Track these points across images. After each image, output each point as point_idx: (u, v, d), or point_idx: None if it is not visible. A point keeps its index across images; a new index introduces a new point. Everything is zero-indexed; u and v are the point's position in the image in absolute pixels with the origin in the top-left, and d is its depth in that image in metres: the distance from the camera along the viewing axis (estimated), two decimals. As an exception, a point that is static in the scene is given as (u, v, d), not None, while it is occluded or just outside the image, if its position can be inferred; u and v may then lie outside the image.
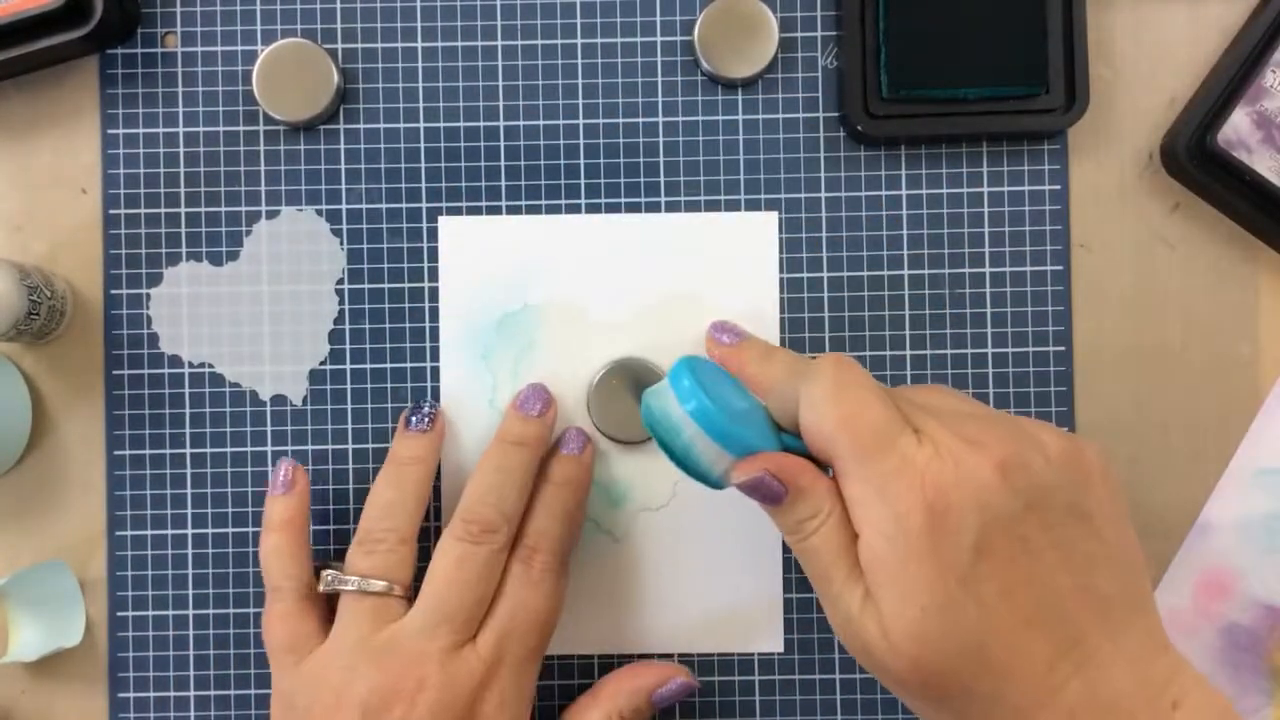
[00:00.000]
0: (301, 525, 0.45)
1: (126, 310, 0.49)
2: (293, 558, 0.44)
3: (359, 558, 0.43)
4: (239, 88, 0.49)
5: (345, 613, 0.43)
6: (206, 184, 0.49)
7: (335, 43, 0.49)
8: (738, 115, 0.49)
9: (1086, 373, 0.49)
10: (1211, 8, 0.49)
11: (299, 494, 0.45)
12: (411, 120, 0.49)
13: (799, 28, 0.49)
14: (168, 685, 0.49)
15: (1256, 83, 0.47)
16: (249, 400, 0.49)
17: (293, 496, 0.45)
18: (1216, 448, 0.49)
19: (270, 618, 0.44)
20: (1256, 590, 0.48)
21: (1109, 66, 0.49)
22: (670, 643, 0.48)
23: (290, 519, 0.45)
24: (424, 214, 0.49)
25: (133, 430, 0.49)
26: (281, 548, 0.44)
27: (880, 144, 0.49)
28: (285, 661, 0.43)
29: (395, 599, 0.43)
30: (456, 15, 0.49)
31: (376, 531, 0.44)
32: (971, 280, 0.49)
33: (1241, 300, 0.49)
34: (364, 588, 0.43)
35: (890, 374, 0.48)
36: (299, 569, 0.44)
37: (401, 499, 0.44)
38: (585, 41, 0.49)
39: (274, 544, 0.45)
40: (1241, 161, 0.47)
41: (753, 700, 0.48)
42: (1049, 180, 0.49)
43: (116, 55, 0.49)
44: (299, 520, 0.45)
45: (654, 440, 0.40)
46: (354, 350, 0.49)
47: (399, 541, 0.43)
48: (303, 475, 0.46)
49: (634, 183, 0.49)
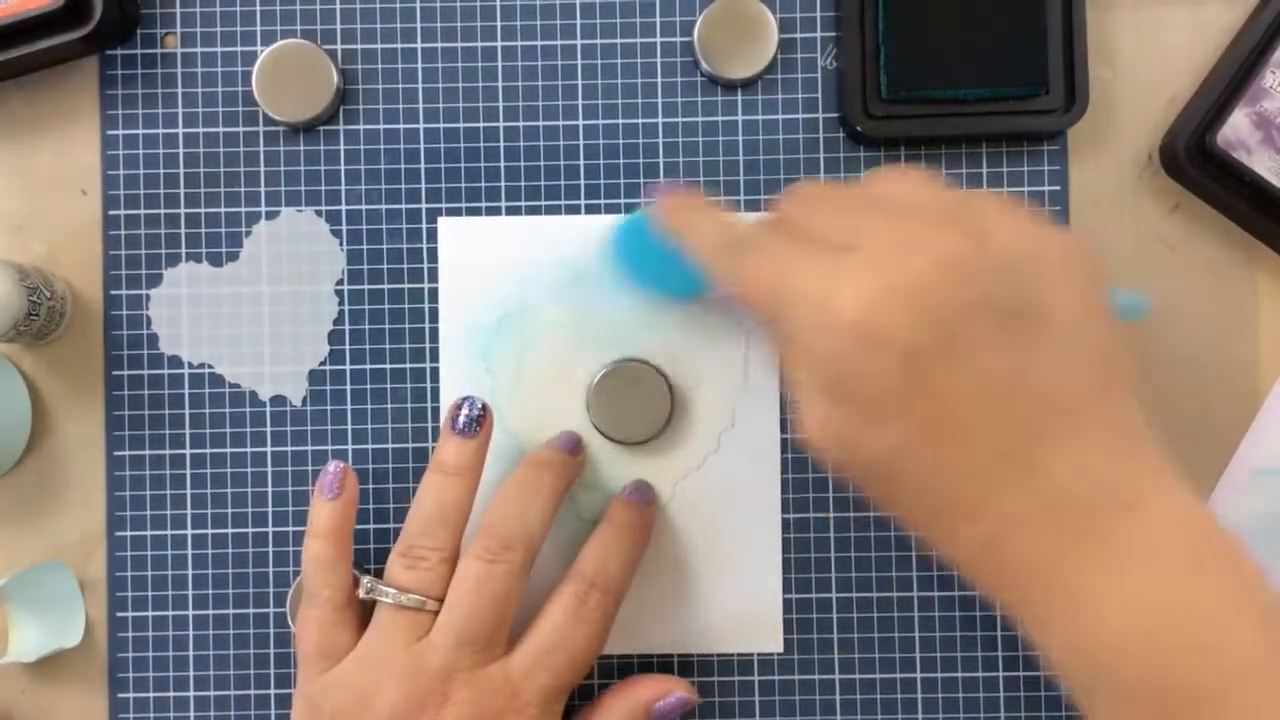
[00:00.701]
0: (347, 533, 0.44)
1: (126, 311, 0.49)
2: (334, 567, 0.44)
3: (400, 570, 0.43)
4: (239, 88, 0.49)
5: (379, 623, 0.43)
6: (206, 184, 0.49)
7: (335, 43, 0.49)
8: (738, 116, 0.49)
9: (1086, 373, 0.49)
10: (1211, 8, 0.49)
11: (347, 500, 0.45)
12: (411, 120, 0.49)
13: (799, 28, 0.49)
14: (168, 685, 0.49)
15: (1256, 83, 0.47)
16: (249, 401, 0.49)
17: (340, 502, 0.44)
18: (1216, 448, 0.49)
19: (307, 624, 0.44)
20: (1256, 590, 0.48)
21: (1109, 67, 0.49)
22: (670, 643, 0.48)
23: (336, 526, 0.44)
24: (424, 214, 0.49)
25: (133, 430, 0.49)
26: (325, 556, 0.44)
27: (880, 145, 0.49)
28: (315, 669, 0.43)
29: (429, 614, 0.42)
30: (456, 15, 0.49)
31: (420, 548, 0.43)
32: (971, 280, 0.49)
33: (1241, 300, 0.49)
34: (400, 601, 0.42)
35: (890, 374, 0.48)
36: (340, 578, 0.44)
37: (445, 515, 0.43)
38: (585, 42, 0.49)
39: (317, 552, 0.44)
40: (1241, 162, 0.47)
41: (752, 701, 0.48)
42: (1048, 180, 0.49)
43: (116, 56, 0.49)
44: (345, 528, 0.44)
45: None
46: (354, 351, 0.49)
47: (440, 561, 0.43)
48: (352, 479, 0.45)
49: (634, 183, 0.49)
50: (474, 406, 0.45)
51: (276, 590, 0.49)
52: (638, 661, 0.49)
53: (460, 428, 0.44)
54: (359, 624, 0.44)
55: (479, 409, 0.45)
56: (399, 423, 0.49)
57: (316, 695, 0.43)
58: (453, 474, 0.44)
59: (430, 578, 0.43)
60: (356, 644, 0.43)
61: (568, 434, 0.47)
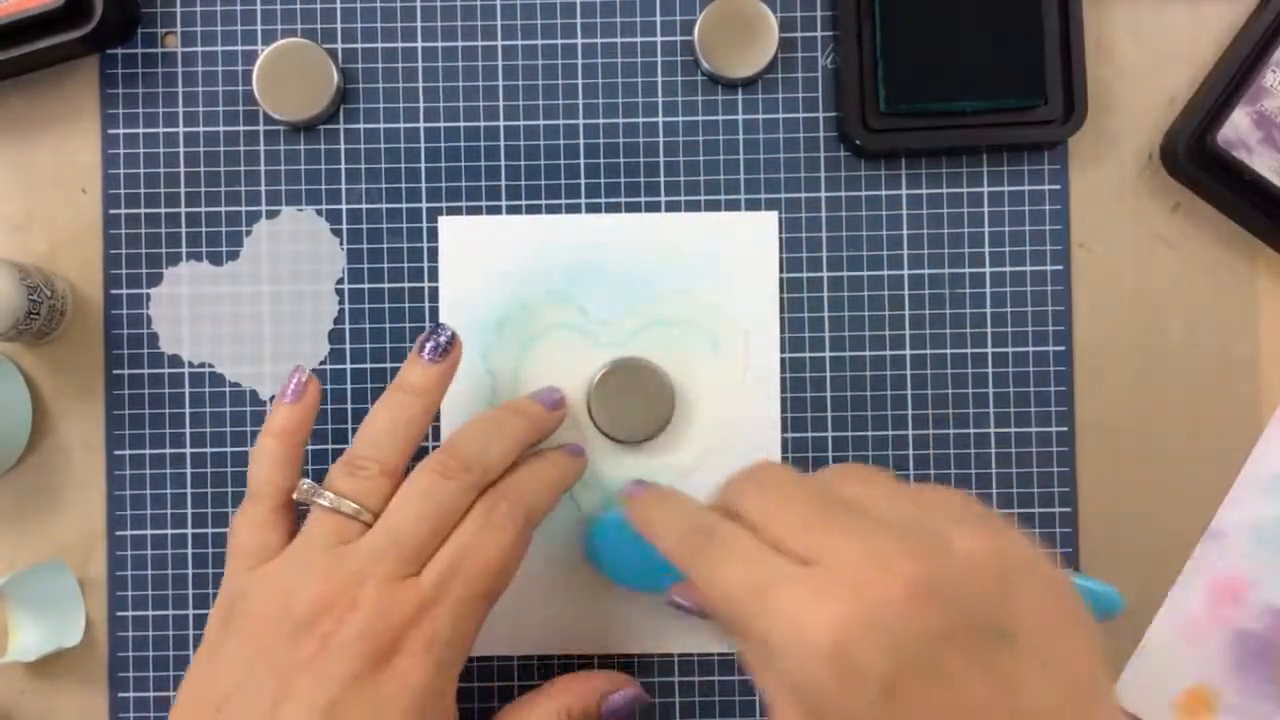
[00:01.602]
0: (300, 438, 0.44)
1: (126, 310, 0.49)
2: (279, 467, 0.43)
3: (339, 477, 0.42)
4: (239, 88, 0.49)
5: (311, 525, 0.42)
6: (206, 184, 0.49)
7: (335, 43, 0.49)
8: (738, 115, 0.49)
9: (1086, 373, 0.49)
10: (1211, 8, 0.49)
11: (306, 405, 0.44)
12: (411, 120, 0.49)
13: (799, 28, 0.49)
14: (168, 685, 0.49)
15: (1256, 83, 0.47)
16: (249, 400, 0.49)
17: (299, 407, 0.44)
18: (1216, 448, 0.49)
19: (240, 520, 0.43)
20: (1268, 597, 0.48)
21: (1109, 67, 0.49)
22: (670, 643, 0.48)
23: (290, 429, 0.43)
24: (424, 214, 0.49)
25: (133, 430, 0.49)
26: (273, 453, 0.43)
27: (880, 157, 0.49)
28: (241, 565, 0.42)
29: (361, 524, 0.42)
30: (456, 15, 0.49)
31: (362, 458, 0.42)
32: (972, 281, 0.49)
33: (1241, 300, 0.49)
34: (336, 505, 0.41)
35: (890, 374, 0.48)
36: (284, 480, 0.43)
37: (395, 429, 0.43)
38: (585, 41, 0.49)
39: (266, 448, 0.43)
40: (1241, 161, 0.47)
41: (753, 700, 0.48)
42: (1049, 180, 0.49)
43: (116, 55, 0.49)
44: (299, 433, 0.44)
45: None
46: (354, 350, 0.49)
47: (381, 472, 0.42)
48: (315, 388, 0.44)
49: (634, 183, 0.49)
50: (444, 333, 0.44)
51: (276, 590, 0.49)
52: (638, 661, 0.49)
53: (427, 353, 0.44)
54: (292, 529, 0.43)
55: (448, 336, 0.44)
56: (399, 422, 0.49)
57: (237, 592, 0.41)
58: (410, 393, 0.43)
59: (368, 487, 0.42)
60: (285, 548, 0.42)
61: (551, 389, 0.47)
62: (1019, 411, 0.49)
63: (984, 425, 0.49)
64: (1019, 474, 0.48)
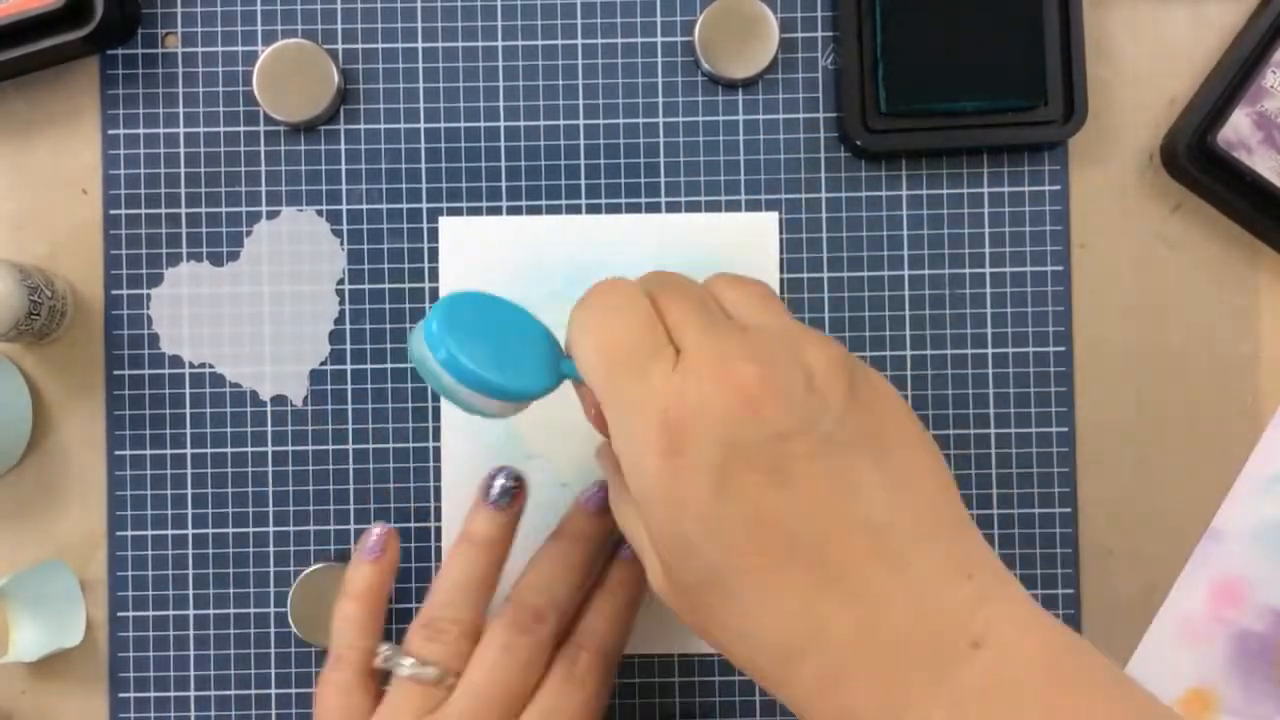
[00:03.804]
0: (381, 597, 0.44)
1: (127, 310, 0.49)
2: (364, 629, 0.43)
3: (420, 641, 0.42)
4: (239, 88, 0.49)
5: (395, 694, 0.42)
6: (207, 184, 0.49)
7: (335, 43, 0.49)
8: (738, 116, 0.49)
9: (1086, 373, 0.49)
10: (1211, 8, 0.49)
11: (387, 564, 0.44)
12: (411, 120, 0.49)
13: (799, 28, 0.49)
14: (168, 685, 0.49)
15: (1256, 83, 0.47)
16: (249, 400, 0.49)
17: (380, 565, 0.44)
18: (1217, 448, 0.49)
19: (327, 685, 0.43)
20: (1269, 598, 0.48)
21: (1109, 67, 0.49)
22: (670, 642, 0.48)
23: (372, 588, 0.44)
24: (424, 214, 0.49)
25: (133, 430, 0.49)
26: (356, 618, 0.43)
27: (880, 158, 0.49)
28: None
29: (445, 689, 0.41)
30: (457, 15, 0.49)
31: (443, 620, 0.42)
32: (972, 281, 0.49)
33: (1241, 300, 0.49)
34: (418, 675, 0.41)
35: (890, 374, 0.48)
36: (367, 642, 0.43)
37: (469, 585, 0.43)
38: (585, 42, 0.49)
39: (349, 612, 0.43)
40: (1242, 162, 0.47)
41: (753, 700, 0.48)
42: (1049, 181, 0.49)
43: (117, 55, 0.49)
44: (380, 592, 0.44)
45: None
46: (354, 350, 0.49)
47: (461, 635, 0.42)
48: (395, 543, 0.44)
49: (634, 183, 0.49)
50: (509, 477, 0.44)
51: (277, 590, 0.49)
52: (638, 661, 0.49)
53: (494, 498, 0.43)
54: (380, 690, 0.43)
55: (514, 480, 0.44)
56: (399, 423, 0.49)
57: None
58: (483, 545, 0.43)
59: (450, 651, 0.41)
60: (373, 710, 0.42)
61: (585, 492, 0.45)
62: (1019, 412, 0.49)
63: (984, 425, 0.49)
64: (1019, 474, 0.48)
